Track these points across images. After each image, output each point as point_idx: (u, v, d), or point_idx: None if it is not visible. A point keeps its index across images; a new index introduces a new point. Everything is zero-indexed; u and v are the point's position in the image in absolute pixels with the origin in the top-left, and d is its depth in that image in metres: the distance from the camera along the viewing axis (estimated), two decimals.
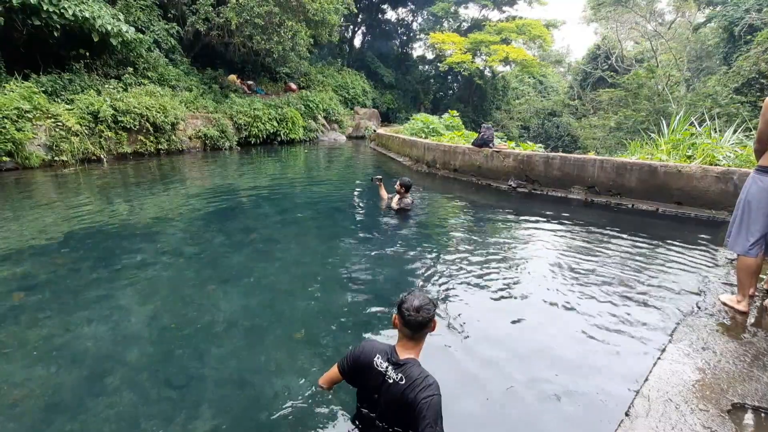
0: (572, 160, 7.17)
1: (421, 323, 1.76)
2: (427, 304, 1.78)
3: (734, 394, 1.96)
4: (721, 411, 1.84)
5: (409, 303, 1.77)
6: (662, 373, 2.12)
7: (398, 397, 1.69)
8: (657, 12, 25.51)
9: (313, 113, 19.27)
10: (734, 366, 2.19)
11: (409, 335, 1.80)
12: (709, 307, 2.91)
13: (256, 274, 3.95)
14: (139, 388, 2.30)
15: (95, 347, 2.67)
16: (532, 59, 27.53)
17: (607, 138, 21.95)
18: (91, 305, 3.23)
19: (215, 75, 16.89)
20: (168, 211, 6.17)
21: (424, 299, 1.79)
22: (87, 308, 3.18)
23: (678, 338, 2.46)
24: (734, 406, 1.88)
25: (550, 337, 2.84)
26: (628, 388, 2.19)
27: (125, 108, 11.03)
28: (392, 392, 1.71)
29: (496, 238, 5.20)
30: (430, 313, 1.77)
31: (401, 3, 29.67)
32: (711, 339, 2.47)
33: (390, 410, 1.74)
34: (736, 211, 2.85)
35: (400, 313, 1.80)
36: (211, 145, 14.24)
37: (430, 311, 1.77)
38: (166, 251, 4.50)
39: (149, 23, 14.39)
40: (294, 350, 2.69)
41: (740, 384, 2.04)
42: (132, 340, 2.77)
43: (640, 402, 1.86)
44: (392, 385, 1.72)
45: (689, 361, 2.22)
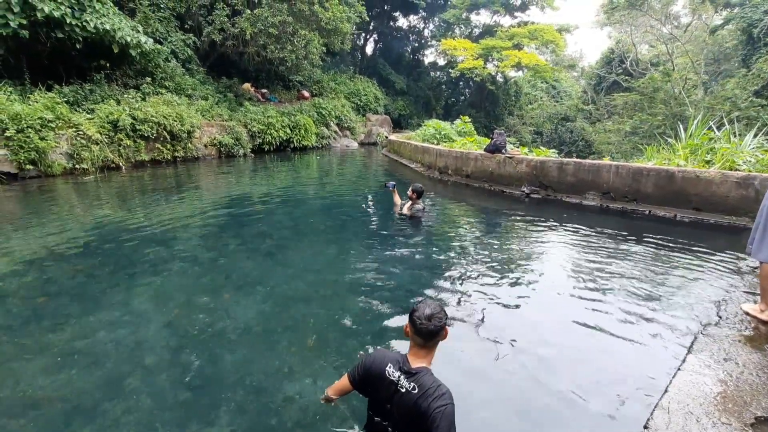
0: (587, 166, 7.09)
1: (433, 332, 1.75)
2: (438, 313, 1.76)
3: (758, 407, 1.90)
4: (744, 425, 1.79)
5: (421, 311, 1.77)
6: (682, 384, 2.07)
7: (411, 406, 1.68)
8: (672, 15, 25.16)
9: (325, 120, 19.46)
10: (758, 378, 2.13)
11: (421, 344, 1.79)
12: (730, 317, 2.84)
13: (270, 280, 3.99)
14: (156, 391, 2.35)
15: (114, 351, 2.73)
16: (544, 64, 27.37)
17: (623, 143, 21.65)
18: (110, 310, 3.30)
19: (230, 84, 17.21)
20: (184, 217, 6.28)
21: (435, 307, 1.78)
22: (106, 313, 3.25)
23: (698, 349, 2.40)
24: (758, 420, 1.83)
25: (567, 347, 2.80)
26: (647, 400, 2.15)
27: (143, 117, 11.30)
28: (405, 402, 1.70)
29: (509, 245, 5.15)
30: (441, 321, 1.76)
31: (413, 10, 29.84)
32: (733, 350, 2.41)
33: (403, 420, 1.73)
34: (759, 217, 2.80)
35: (411, 322, 1.79)
36: (226, 153, 14.48)
37: (442, 320, 1.76)
38: (182, 257, 4.58)
39: (167, 34, 14.77)
40: (307, 357, 2.70)
41: (764, 397, 1.98)
42: (149, 344, 2.82)
43: (660, 414, 1.82)
44: (405, 395, 1.71)
45: (710, 373, 2.16)
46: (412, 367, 1.75)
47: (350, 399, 2.20)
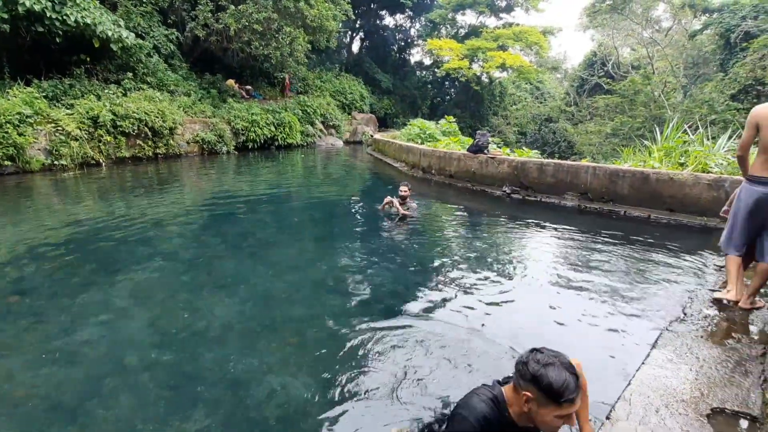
0: (566, 167, 7.25)
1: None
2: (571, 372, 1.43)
3: (714, 399, 2.01)
4: (700, 415, 1.89)
5: (560, 383, 1.39)
6: (645, 377, 2.17)
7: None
8: (653, 19, 25.76)
9: (310, 118, 19.37)
10: (716, 372, 2.25)
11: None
12: (695, 314, 2.97)
13: (252, 279, 4.00)
14: (136, 389, 2.36)
15: (93, 350, 2.72)
16: (528, 65, 27.74)
17: (603, 144, 22.09)
18: (89, 308, 3.27)
19: (213, 80, 16.99)
20: (165, 215, 6.22)
21: (566, 367, 1.43)
22: (85, 311, 3.22)
23: (663, 344, 2.51)
24: (713, 411, 1.93)
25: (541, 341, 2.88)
26: (611, 393, 2.25)
27: (124, 113, 11.11)
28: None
29: (491, 244, 5.26)
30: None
31: (399, 9, 29.89)
32: (695, 345, 2.53)
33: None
34: (729, 215, 3.08)
35: (551, 397, 1.40)
36: (209, 150, 14.31)
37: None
38: (163, 255, 4.55)
39: (149, 29, 14.51)
40: (287, 355, 2.74)
41: (721, 389, 2.09)
42: (129, 342, 2.82)
43: (622, 406, 1.92)
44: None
45: (672, 367, 2.27)
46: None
47: (329, 393, 2.25)
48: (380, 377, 2.45)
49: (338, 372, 2.49)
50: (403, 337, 2.89)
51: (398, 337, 2.89)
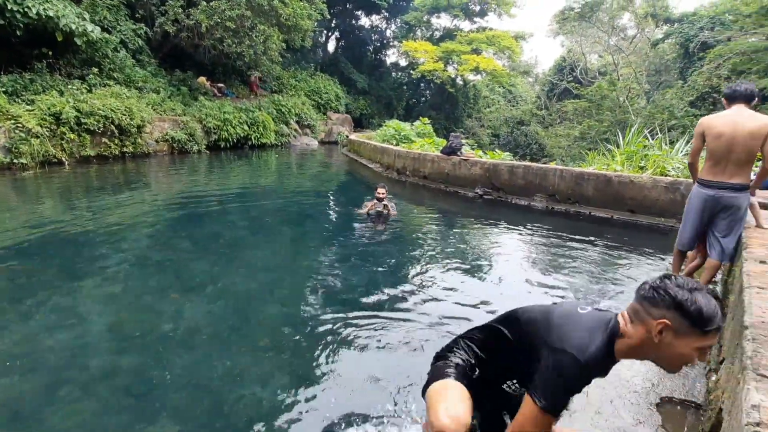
0: (535, 169, 7.49)
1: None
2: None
3: (663, 388, 2.15)
4: (650, 404, 2.02)
5: (718, 313, 1.25)
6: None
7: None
8: (619, 27, 26.82)
9: (285, 118, 19.15)
10: None
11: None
12: None
13: (222, 281, 3.95)
14: (99, 397, 2.29)
15: (55, 357, 2.63)
16: (501, 69, 28.33)
17: (572, 147, 22.83)
18: (50, 313, 3.15)
19: (184, 77, 16.54)
20: (132, 216, 6.04)
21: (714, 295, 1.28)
22: (46, 316, 3.11)
23: None
24: (662, 400, 2.07)
25: None
26: None
27: (89, 109, 10.66)
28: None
29: (464, 244, 5.37)
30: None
31: (375, 10, 29.93)
32: None
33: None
34: (683, 214, 3.40)
35: (696, 322, 1.24)
36: (179, 149, 13.93)
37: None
38: (129, 258, 4.43)
39: (116, 23, 13.99)
40: (259, 358, 2.72)
41: (669, 380, 2.24)
42: (92, 348, 2.74)
43: (579, 397, 2.02)
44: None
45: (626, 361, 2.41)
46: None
47: (302, 396, 2.27)
48: (354, 377, 2.48)
49: (312, 373, 2.51)
50: (376, 337, 2.93)
51: (372, 336, 2.93)
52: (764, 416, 1.02)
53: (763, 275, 1.97)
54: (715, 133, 2.92)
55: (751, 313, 1.57)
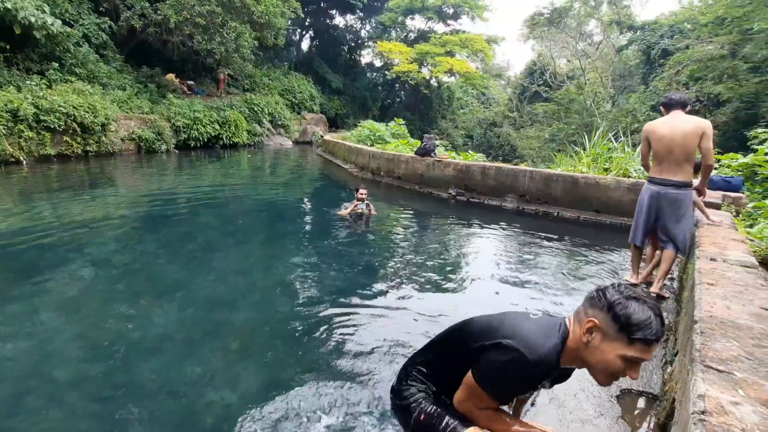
0: (506, 171, 7.67)
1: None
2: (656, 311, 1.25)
3: (623, 381, 2.26)
4: (611, 397, 2.12)
5: (647, 323, 1.21)
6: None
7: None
8: (586, 33, 27.80)
9: (258, 117, 18.84)
10: None
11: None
12: None
13: (193, 284, 3.86)
14: (66, 405, 2.21)
15: (16, 366, 2.51)
16: (474, 72, 28.83)
17: (543, 149, 23.50)
18: (11, 321, 3.00)
19: (151, 74, 16.02)
20: (97, 219, 5.80)
21: (654, 309, 1.24)
22: (7, 325, 2.95)
23: None
24: (622, 392, 2.18)
25: None
26: None
27: (49, 106, 10.18)
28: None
29: (436, 245, 5.45)
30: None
31: (350, 10, 29.88)
32: None
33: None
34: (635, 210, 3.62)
35: (622, 326, 1.23)
36: (146, 148, 13.49)
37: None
38: (94, 263, 4.26)
39: (78, 16, 13.42)
40: (231, 362, 2.68)
41: None
42: (57, 357, 2.63)
43: (544, 392, 2.10)
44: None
45: None
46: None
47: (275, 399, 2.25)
48: (328, 380, 2.47)
49: (284, 377, 2.49)
50: (351, 340, 2.93)
51: (346, 339, 2.94)
52: (709, 405, 1.09)
53: (713, 272, 2.10)
54: (657, 136, 3.26)
55: (700, 308, 1.68)
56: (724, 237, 2.86)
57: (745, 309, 1.68)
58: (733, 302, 1.74)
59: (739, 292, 1.85)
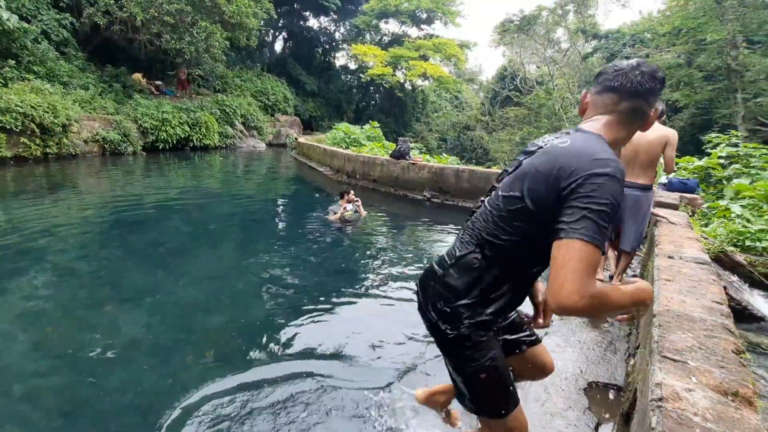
0: (479, 173, 7.83)
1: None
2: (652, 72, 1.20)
3: (590, 374, 2.36)
4: (579, 389, 2.21)
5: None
6: None
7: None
8: (554, 41, 28.71)
9: (230, 119, 18.46)
10: (593, 351, 2.63)
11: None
12: None
13: (162, 291, 3.75)
14: (20, 419, 2.11)
15: None
16: (448, 76, 29.29)
17: (514, 151, 24.09)
18: None
19: (117, 73, 15.44)
20: (57, 224, 5.55)
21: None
22: None
23: (553, 331, 2.87)
24: (589, 385, 2.27)
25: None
26: None
27: (4, 106, 9.65)
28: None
29: (411, 247, 5.50)
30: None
31: (323, 12, 29.75)
32: (579, 330, 2.92)
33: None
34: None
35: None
36: (111, 150, 12.97)
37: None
38: (55, 269, 4.08)
39: (36, 11, 12.78)
40: (204, 370, 2.62)
41: (595, 366, 2.46)
42: (14, 369, 2.50)
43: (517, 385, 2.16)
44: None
45: (560, 350, 2.61)
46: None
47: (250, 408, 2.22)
48: (305, 386, 2.46)
49: (260, 385, 2.45)
50: (327, 343, 2.93)
51: (322, 343, 2.93)
52: (665, 392, 1.16)
53: (670, 269, 2.22)
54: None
55: (659, 303, 1.78)
56: (681, 236, 3.02)
57: (698, 302, 1.79)
58: (688, 297, 1.85)
59: (693, 287, 1.96)
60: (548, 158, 1.15)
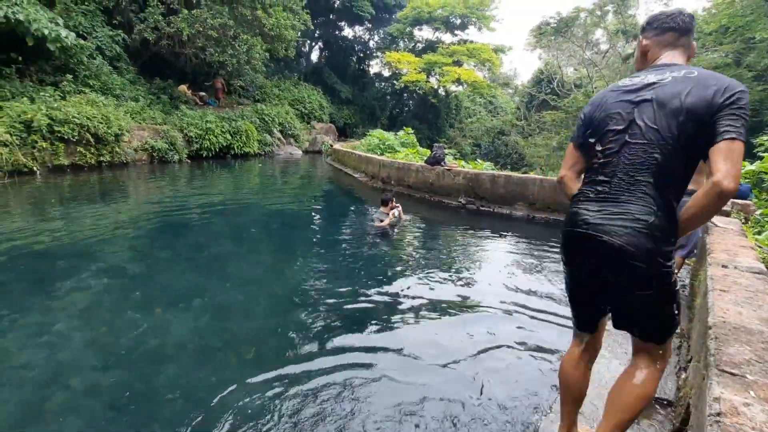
0: (515, 179, 7.69)
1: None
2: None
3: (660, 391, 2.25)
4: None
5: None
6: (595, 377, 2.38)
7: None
8: (592, 42, 27.82)
9: (268, 127, 19.10)
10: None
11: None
12: None
13: (207, 293, 3.92)
14: (82, 412, 2.26)
15: (33, 374, 2.56)
16: (482, 81, 28.99)
17: (551, 156, 23.45)
18: (26, 330, 3.07)
19: (164, 85, 16.35)
20: (110, 228, 5.92)
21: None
22: (22, 333, 3.02)
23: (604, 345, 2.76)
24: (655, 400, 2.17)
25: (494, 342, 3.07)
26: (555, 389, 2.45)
27: (63, 117, 10.43)
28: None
29: (447, 253, 5.46)
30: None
31: (358, 21, 30.30)
32: (625, 341, 2.79)
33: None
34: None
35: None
36: (159, 158, 13.73)
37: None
38: (108, 272, 4.34)
39: (92, 29, 13.78)
40: (245, 370, 2.71)
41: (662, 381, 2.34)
42: (72, 365, 2.68)
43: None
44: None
45: (605, 362, 2.51)
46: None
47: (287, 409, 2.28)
48: (339, 390, 2.50)
49: (297, 387, 2.51)
50: (366, 349, 2.96)
51: (361, 347, 2.97)
52: (724, 407, 1.11)
53: (725, 279, 2.10)
54: None
55: (714, 314, 1.68)
56: (734, 244, 2.84)
57: (755, 314, 1.69)
58: (745, 308, 1.75)
59: (749, 298, 1.85)
60: (694, 82, 1.39)
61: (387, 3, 29.63)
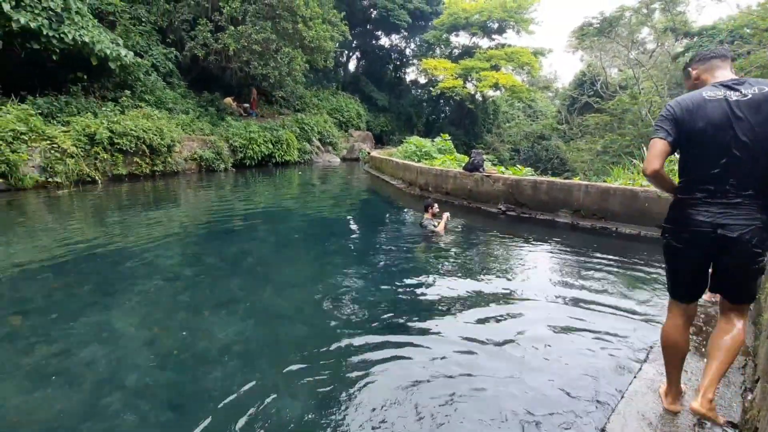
0: (559, 185, 7.43)
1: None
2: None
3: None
4: (688, 426, 1.98)
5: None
6: (638, 390, 2.26)
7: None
8: (638, 42, 26.55)
9: (307, 135, 19.62)
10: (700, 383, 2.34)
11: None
12: None
13: (252, 297, 4.05)
14: (138, 411, 2.36)
15: (93, 371, 2.72)
16: (521, 85, 28.38)
17: (595, 161, 22.47)
18: (87, 329, 3.28)
19: (212, 98, 17.23)
20: (163, 233, 6.26)
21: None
22: (84, 332, 3.23)
23: (653, 358, 2.60)
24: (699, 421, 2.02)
25: (534, 355, 2.97)
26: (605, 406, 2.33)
27: (122, 130, 11.21)
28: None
29: (487, 260, 5.36)
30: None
31: (394, 30, 30.61)
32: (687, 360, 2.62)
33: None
34: None
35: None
36: (207, 167, 14.43)
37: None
38: (161, 275, 4.59)
39: (148, 48, 14.78)
40: (289, 374, 2.74)
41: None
42: (129, 363, 2.83)
43: (616, 419, 2.00)
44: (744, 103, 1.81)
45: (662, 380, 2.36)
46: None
47: (330, 415, 2.31)
48: (382, 397, 2.49)
49: (340, 393, 2.53)
50: (406, 355, 2.95)
51: (401, 355, 2.95)
52: None
53: None
54: None
55: None
56: None
57: None
58: None
59: None
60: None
61: (423, 11, 29.75)
